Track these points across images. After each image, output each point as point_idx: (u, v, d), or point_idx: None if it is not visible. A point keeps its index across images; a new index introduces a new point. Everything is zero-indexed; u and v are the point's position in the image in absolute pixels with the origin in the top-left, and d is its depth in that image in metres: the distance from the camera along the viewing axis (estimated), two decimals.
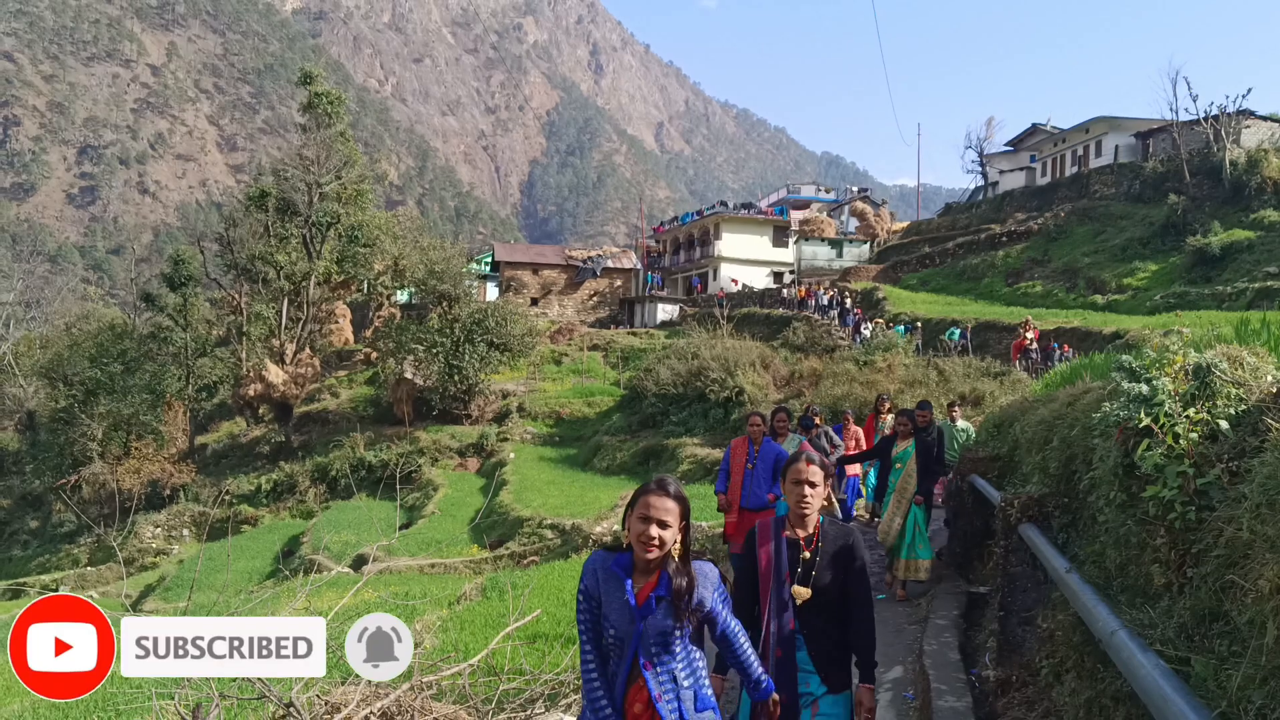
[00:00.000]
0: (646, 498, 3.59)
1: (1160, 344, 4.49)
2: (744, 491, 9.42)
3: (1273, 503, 2.66)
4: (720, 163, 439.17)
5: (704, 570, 3.68)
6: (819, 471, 4.35)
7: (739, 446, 9.71)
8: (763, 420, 9.81)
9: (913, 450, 10.39)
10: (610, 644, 3.62)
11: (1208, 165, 47.46)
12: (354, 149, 56.40)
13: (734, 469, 9.62)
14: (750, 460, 9.47)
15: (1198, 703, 2.80)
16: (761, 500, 9.25)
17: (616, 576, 3.63)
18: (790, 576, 4.28)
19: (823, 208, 77.03)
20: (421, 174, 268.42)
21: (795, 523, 4.38)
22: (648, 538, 3.52)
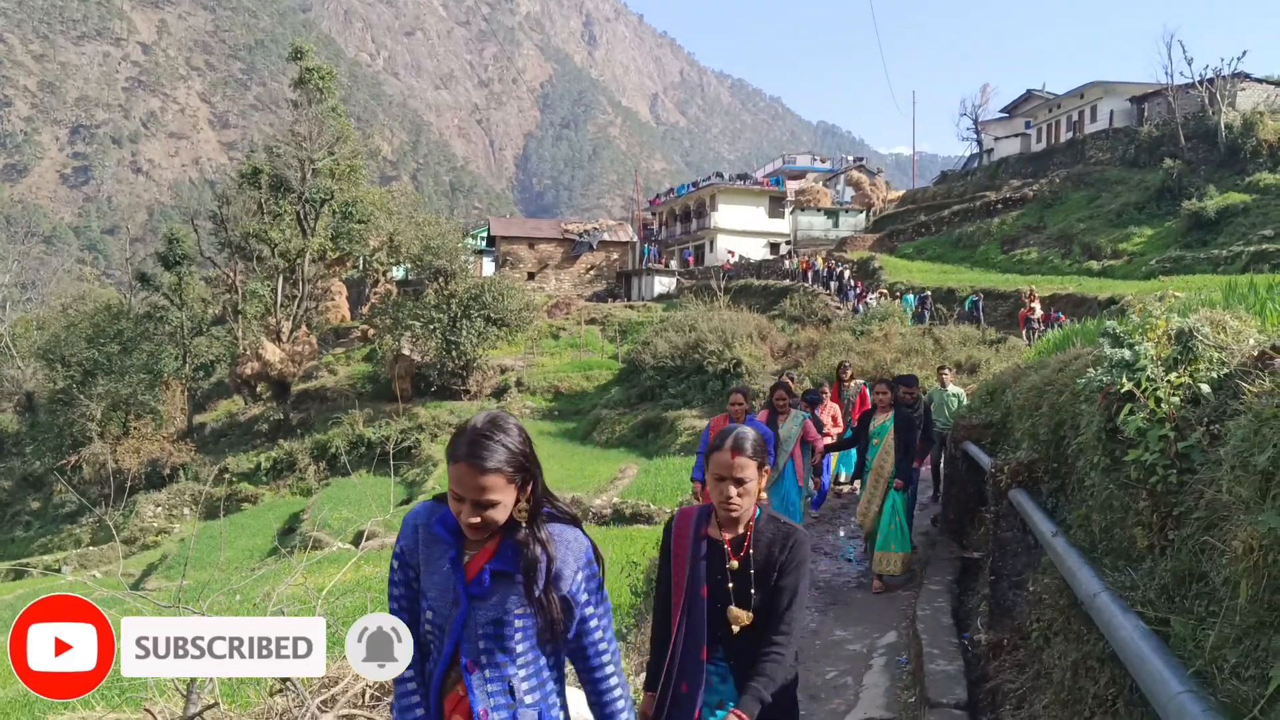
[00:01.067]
0: (459, 467, 2.59)
1: (1144, 309, 4.52)
2: None
3: (1246, 464, 2.70)
4: (716, 134, 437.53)
5: (564, 538, 2.74)
6: (751, 464, 3.32)
7: (718, 426, 8.30)
8: (744, 398, 8.81)
9: (891, 424, 9.55)
10: (428, 632, 2.72)
11: (1203, 129, 47.30)
12: (347, 124, 56.16)
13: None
14: None
15: (1175, 662, 2.85)
16: None
17: (440, 539, 2.71)
18: (708, 589, 3.36)
19: (818, 177, 76.79)
20: (415, 149, 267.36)
21: (723, 523, 3.42)
22: (467, 511, 2.61)
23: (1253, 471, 2.65)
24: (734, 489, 3.29)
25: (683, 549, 3.40)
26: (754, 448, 3.33)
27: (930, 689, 6.01)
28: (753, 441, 3.34)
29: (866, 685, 6.97)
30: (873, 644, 7.84)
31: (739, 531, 3.39)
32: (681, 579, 3.35)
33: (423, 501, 2.90)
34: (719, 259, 62.71)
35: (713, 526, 3.44)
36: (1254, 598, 2.55)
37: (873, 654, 7.73)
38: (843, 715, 6.24)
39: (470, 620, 2.64)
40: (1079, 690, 4.17)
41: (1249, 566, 2.58)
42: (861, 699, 6.62)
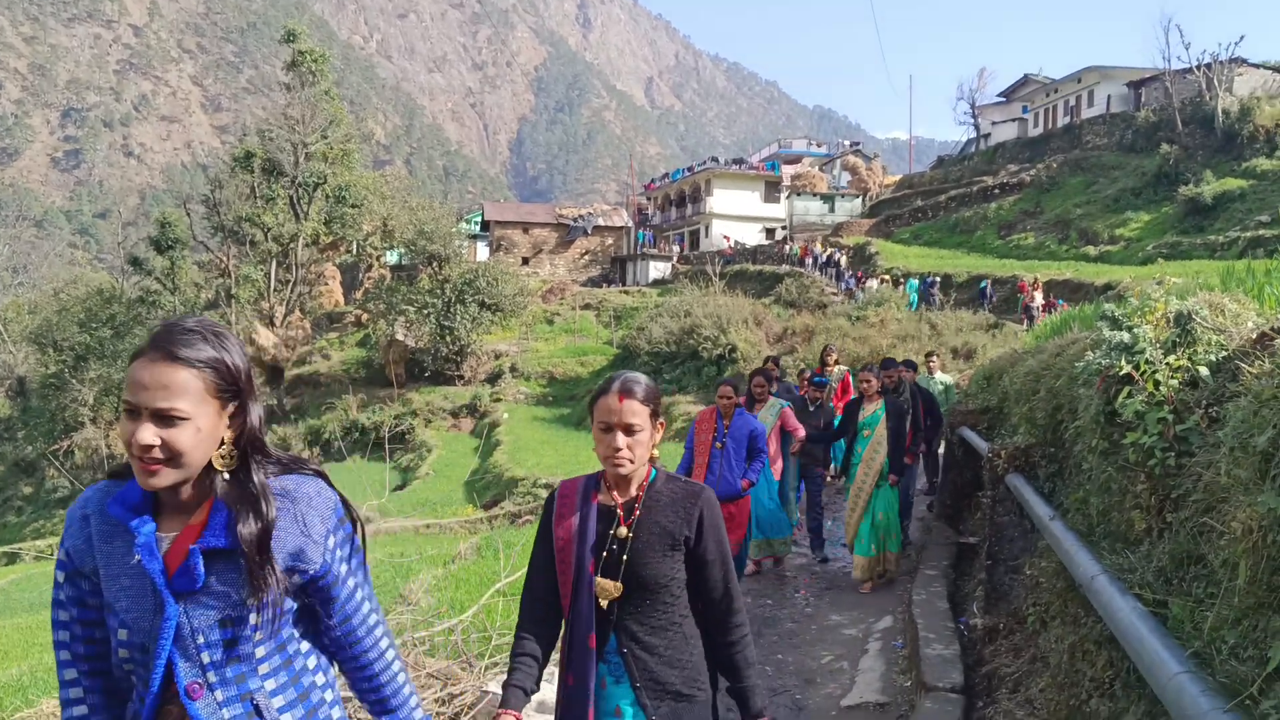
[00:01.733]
0: (139, 363, 1.89)
1: (1143, 292, 4.51)
2: (710, 477, 7.77)
3: (1246, 446, 2.69)
4: (711, 118, 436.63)
5: (304, 493, 2.07)
6: (643, 409, 2.82)
7: (705, 421, 8.12)
8: (734, 390, 8.11)
9: (881, 414, 8.87)
10: (125, 661, 1.94)
11: (1200, 114, 47.24)
12: (339, 108, 55.92)
13: (699, 448, 8.00)
14: (719, 438, 7.86)
15: (1173, 643, 2.85)
16: (733, 488, 7.68)
17: (121, 524, 1.95)
18: (596, 562, 2.85)
19: (814, 162, 76.66)
20: (409, 132, 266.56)
21: (612, 483, 2.91)
22: (142, 433, 1.84)
23: (1252, 453, 2.64)
24: (623, 438, 2.77)
25: (568, 519, 2.88)
26: (646, 393, 2.83)
27: (926, 673, 6.03)
28: (645, 386, 2.85)
29: (862, 669, 6.98)
30: (868, 629, 7.85)
31: (631, 493, 2.87)
32: (569, 555, 2.83)
33: (91, 486, 2.09)
34: (714, 244, 62.63)
35: (603, 492, 2.92)
36: (1253, 579, 2.55)
37: (868, 638, 7.74)
38: (838, 699, 6.25)
39: (185, 628, 1.89)
40: (1076, 673, 4.17)
41: (1248, 548, 2.57)
42: (857, 683, 6.63)
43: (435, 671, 4.90)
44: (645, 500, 2.86)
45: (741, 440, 7.81)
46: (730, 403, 7.89)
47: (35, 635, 14.14)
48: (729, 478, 7.70)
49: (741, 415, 7.89)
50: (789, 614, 8.64)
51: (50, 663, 10.75)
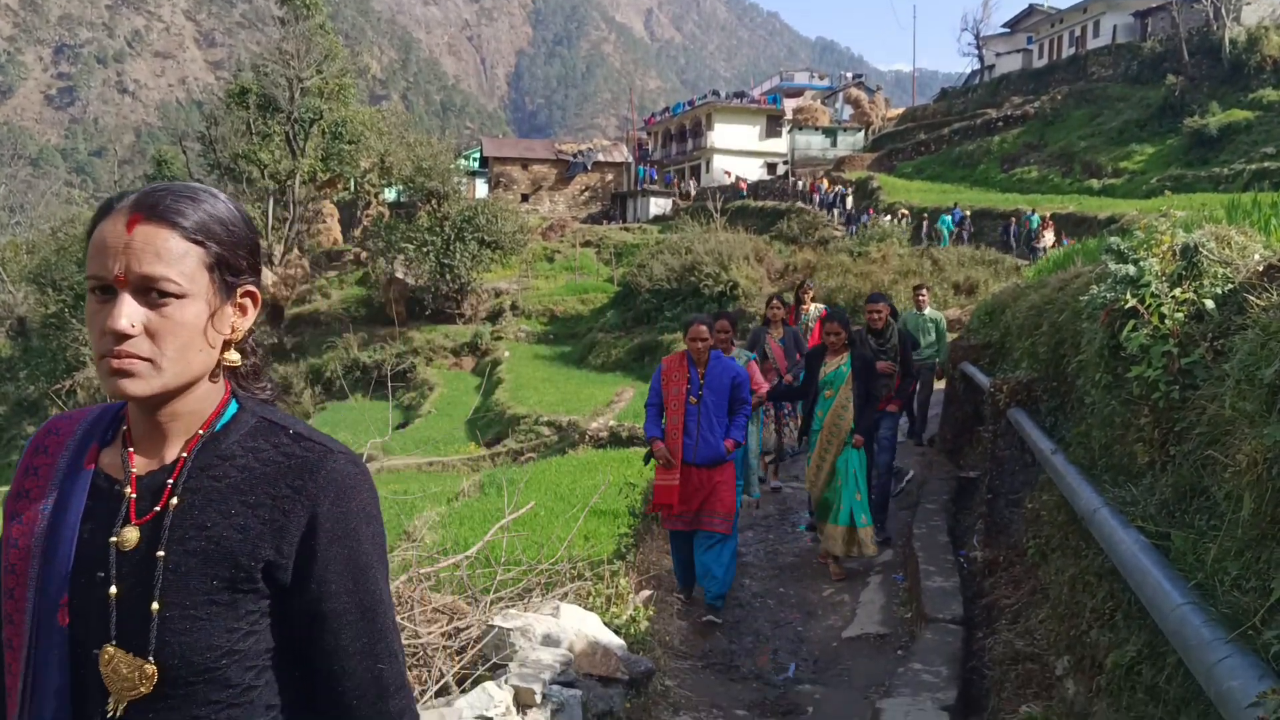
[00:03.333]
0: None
1: (1148, 225, 4.47)
2: (688, 440, 6.60)
3: (1252, 378, 2.68)
4: (712, 50, 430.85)
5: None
6: (179, 244, 1.37)
7: (673, 369, 6.81)
8: (709, 331, 6.87)
9: (847, 370, 7.59)
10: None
11: (1207, 44, 46.57)
12: (334, 42, 55.12)
13: (670, 405, 6.75)
14: (693, 390, 6.62)
15: (1176, 575, 2.87)
16: (716, 451, 6.59)
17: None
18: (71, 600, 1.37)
19: (817, 95, 75.77)
20: (405, 67, 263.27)
21: (131, 425, 1.48)
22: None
23: (1259, 385, 2.64)
24: (130, 309, 1.37)
25: (35, 503, 1.44)
26: (194, 217, 1.40)
27: (927, 605, 6.09)
28: (190, 203, 1.41)
29: (863, 602, 7.05)
30: (869, 562, 7.92)
31: (165, 453, 1.45)
32: (23, 591, 1.38)
33: None
34: (715, 180, 62.11)
35: (112, 446, 1.49)
36: (1257, 511, 2.55)
37: (869, 572, 7.82)
38: (839, 631, 6.33)
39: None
40: (1076, 605, 4.21)
41: (1253, 480, 2.57)
42: (858, 615, 6.70)
43: (441, 606, 4.94)
44: (193, 469, 1.42)
45: (722, 390, 6.62)
46: (704, 345, 6.63)
47: None
48: (709, 438, 6.56)
49: (719, 360, 6.71)
50: (790, 548, 8.72)
51: None
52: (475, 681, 4.14)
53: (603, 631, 4.93)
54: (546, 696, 4.06)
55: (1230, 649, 2.31)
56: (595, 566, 6.48)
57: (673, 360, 6.87)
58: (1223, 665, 2.28)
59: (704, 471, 6.60)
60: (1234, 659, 2.26)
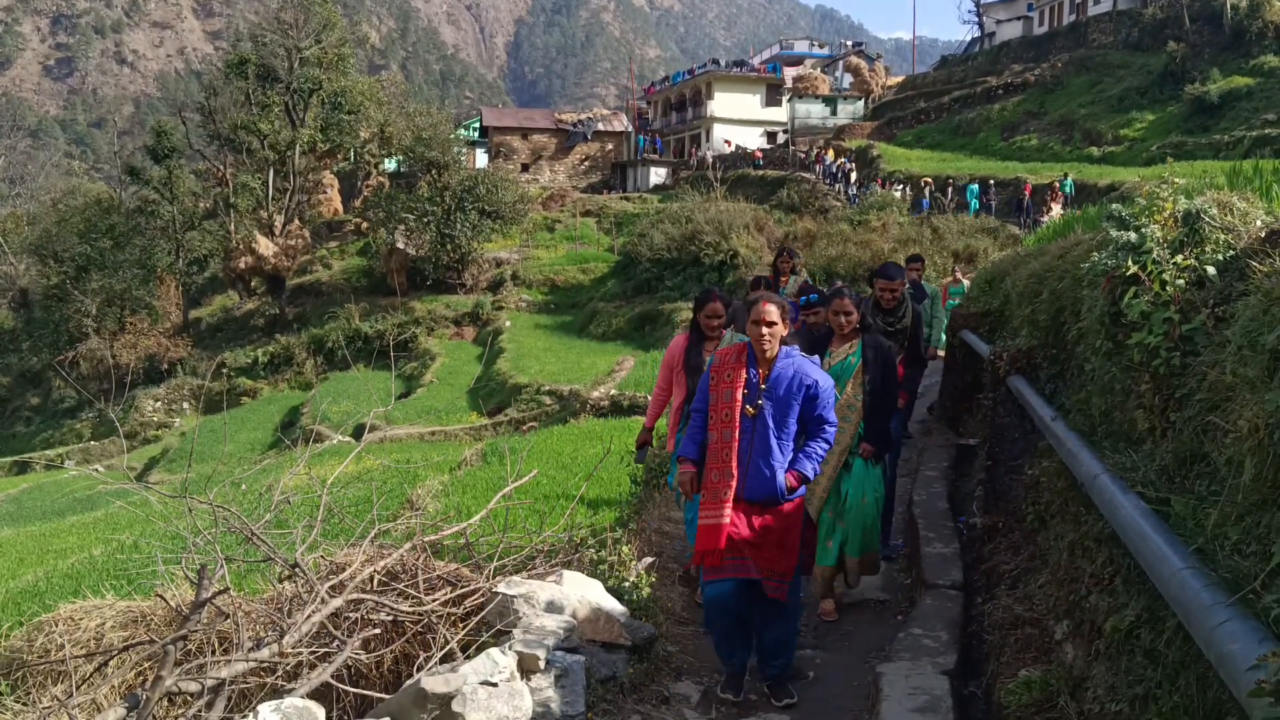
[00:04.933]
0: None
1: (1150, 192, 4.46)
2: (744, 461, 4.82)
3: (1254, 344, 2.69)
4: (712, 19, 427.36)
5: None
6: None
7: (726, 364, 4.97)
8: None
9: (857, 361, 6.03)
10: None
11: (1208, 10, 46.22)
12: (333, 11, 54.77)
13: (718, 412, 4.92)
14: (752, 395, 4.85)
15: (1176, 539, 2.89)
16: (770, 486, 4.80)
17: None
18: None
19: (817, 64, 75.23)
20: (404, 36, 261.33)
21: None
22: None
23: (1261, 351, 2.64)
24: None
25: None
26: None
27: (927, 570, 6.12)
28: None
29: None
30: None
31: None
32: None
33: None
34: (716, 148, 61.81)
35: None
36: (1258, 476, 2.57)
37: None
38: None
39: None
40: (1076, 570, 4.23)
41: (1254, 445, 2.59)
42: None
43: (445, 574, 4.97)
44: None
45: (790, 400, 4.81)
46: (771, 334, 4.80)
47: (49, 542, 14.38)
48: (763, 467, 4.78)
49: (789, 357, 4.84)
50: None
51: (64, 568, 10.94)
52: (480, 648, 4.18)
53: (605, 598, 4.97)
54: (550, 662, 4.09)
55: (1230, 613, 2.33)
56: (598, 534, 6.51)
57: (729, 351, 5.01)
58: (1223, 629, 2.29)
59: (753, 509, 4.79)
60: (1234, 623, 2.28)
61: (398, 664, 4.50)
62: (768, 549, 4.79)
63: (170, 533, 7.81)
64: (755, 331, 4.80)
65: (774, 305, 4.80)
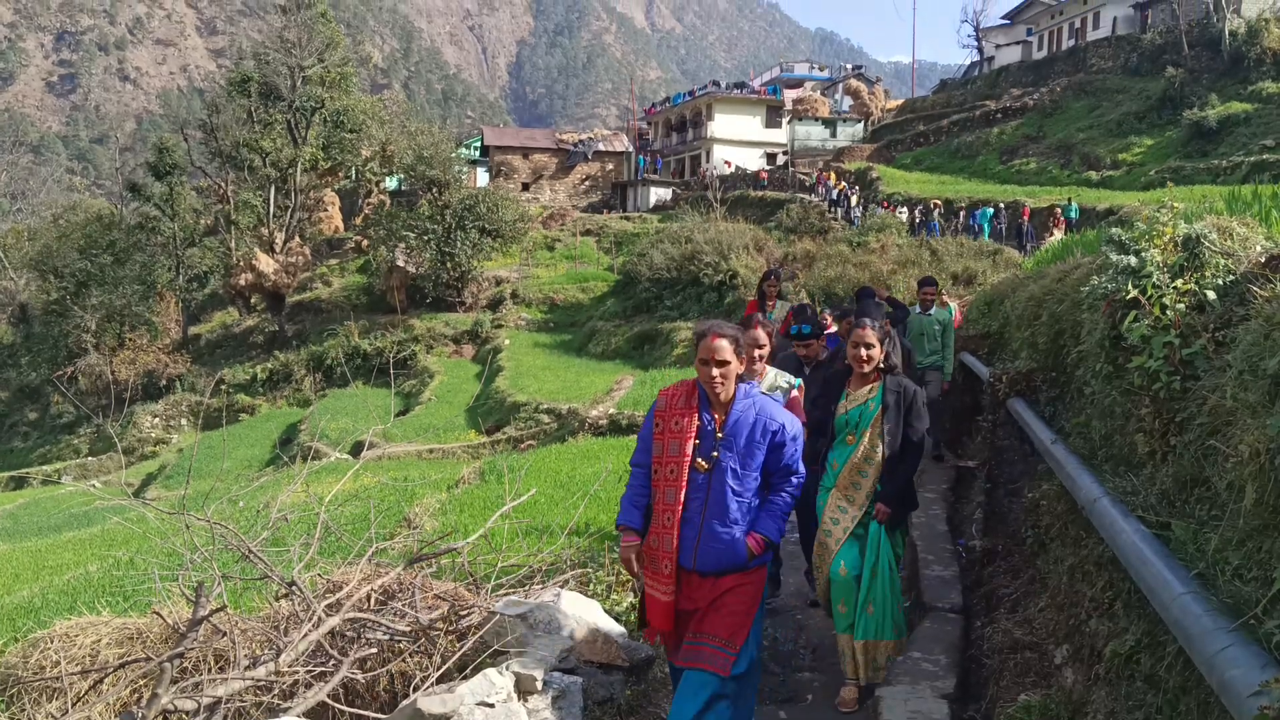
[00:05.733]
0: None
1: (1150, 216, 4.48)
2: (688, 531, 4.02)
3: (1255, 369, 2.69)
4: (712, 41, 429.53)
5: None
6: None
7: (674, 406, 4.12)
8: (736, 347, 4.03)
9: (877, 406, 5.22)
10: None
11: (1207, 36, 46.53)
12: (336, 30, 55.11)
13: (662, 464, 4.10)
14: (705, 446, 4.03)
15: (1177, 564, 2.88)
16: (731, 552, 4.00)
17: None
18: None
19: (816, 86, 75.67)
20: (406, 56, 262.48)
21: None
22: None
23: (1262, 376, 2.64)
24: None
25: None
26: None
27: (926, 593, 6.10)
28: None
29: None
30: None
31: None
32: None
33: None
34: (717, 169, 62.00)
35: None
36: (1259, 501, 2.56)
37: None
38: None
39: None
40: (1075, 594, 4.22)
41: (1255, 470, 2.58)
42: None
43: (443, 593, 4.95)
44: None
45: (752, 450, 4.01)
46: (724, 375, 3.97)
47: (45, 558, 14.31)
48: (721, 530, 3.97)
49: (748, 397, 4.05)
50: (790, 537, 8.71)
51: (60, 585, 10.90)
52: (477, 668, 4.16)
53: (603, 619, 4.95)
54: (547, 683, 4.07)
55: (1232, 638, 2.32)
56: (596, 554, 6.49)
57: (676, 393, 4.13)
58: (1225, 654, 2.29)
59: (708, 582, 3.99)
60: (1236, 648, 2.28)
61: (394, 684, 4.48)
62: (721, 607, 3.99)
63: (167, 550, 7.78)
64: (705, 372, 3.98)
65: (725, 339, 3.95)
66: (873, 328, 5.26)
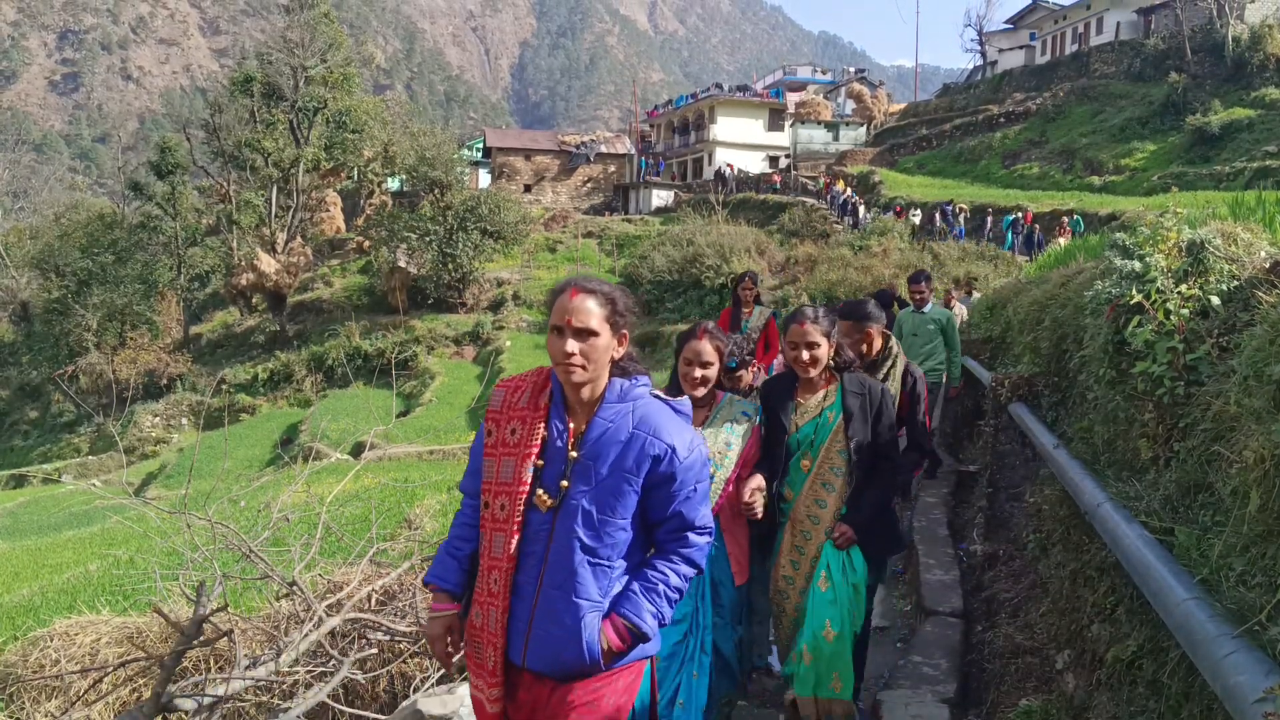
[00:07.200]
0: None
1: (1155, 221, 4.47)
2: (517, 600, 2.65)
3: (1260, 375, 2.68)
4: (715, 44, 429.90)
5: None
6: None
7: (510, 409, 2.78)
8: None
9: (838, 414, 4.19)
10: None
11: (1210, 42, 46.54)
12: (339, 31, 55.20)
13: (493, 496, 2.72)
14: (551, 471, 2.65)
15: (1180, 570, 2.87)
16: (577, 646, 2.58)
17: None
18: None
19: (819, 90, 75.67)
20: (409, 57, 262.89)
21: None
22: None
23: (1267, 381, 2.64)
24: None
25: None
26: None
27: (927, 598, 6.10)
28: None
29: None
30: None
31: None
32: None
33: None
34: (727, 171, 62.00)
35: None
36: (1263, 507, 2.55)
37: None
38: None
39: None
40: (1077, 599, 4.22)
41: (1260, 476, 2.58)
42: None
43: None
44: None
45: (620, 478, 2.61)
46: (592, 347, 2.67)
47: (45, 557, 14.30)
48: (563, 610, 2.59)
49: (625, 399, 2.78)
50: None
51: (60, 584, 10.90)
52: None
53: None
54: None
55: (1237, 644, 2.31)
56: None
57: (519, 386, 2.82)
58: (1229, 660, 2.28)
59: (546, 689, 2.66)
60: (1240, 654, 2.27)
61: (394, 684, 4.48)
62: None
63: (168, 549, 7.78)
64: (558, 346, 2.62)
65: (591, 297, 2.67)
66: (815, 321, 4.16)
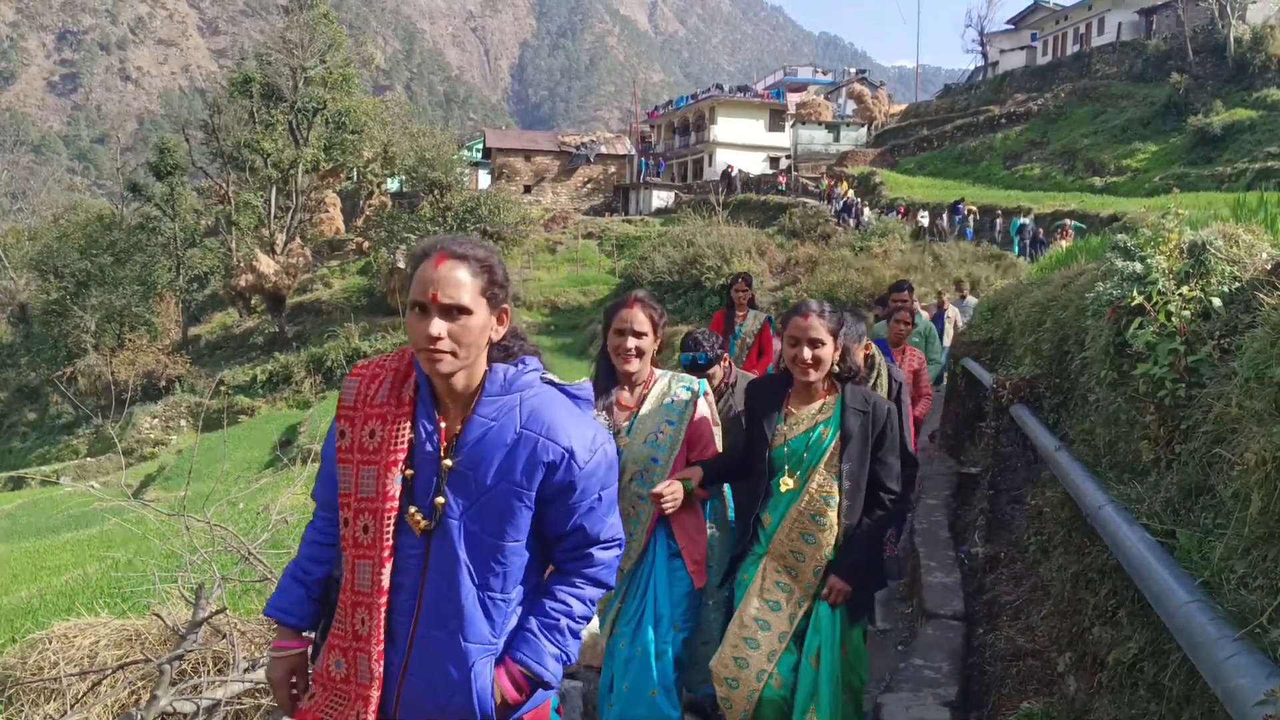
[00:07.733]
0: None
1: (1156, 223, 4.46)
2: (391, 645, 2.15)
3: (1261, 377, 2.67)
4: (716, 44, 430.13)
5: None
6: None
7: (367, 404, 2.40)
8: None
9: (834, 430, 3.65)
10: None
11: (1212, 43, 46.56)
12: (338, 31, 55.21)
13: (354, 513, 2.21)
14: (422, 486, 2.17)
15: (1182, 572, 2.86)
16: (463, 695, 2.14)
17: None
18: None
19: (820, 90, 75.68)
20: (409, 57, 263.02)
21: None
22: None
23: (1268, 384, 2.63)
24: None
25: None
26: None
27: (928, 600, 6.08)
28: None
29: None
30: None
31: None
32: None
33: None
34: (718, 174, 62.04)
35: None
36: (1265, 509, 2.54)
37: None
38: None
39: None
40: (1079, 601, 4.21)
41: (1261, 478, 2.57)
42: None
43: None
44: None
45: (507, 489, 2.15)
46: (465, 329, 2.22)
47: (43, 559, 14.30)
48: (446, 652, 2.14)
49: (512, 389, 2.27)
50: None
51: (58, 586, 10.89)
52: None
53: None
54: None
55: (1238, 646, 2.30)
56: None
57: (376, 374, 2.46)
58: (1230, 663, 2.27)
59: None
60: (1242, 656, 2.26)
61: None
62: None
63: (166, 551, 7.76)
64: (420, 328, 2.22)
65: (462, 265, 2.26)
66: (820, 315, 3.61)
